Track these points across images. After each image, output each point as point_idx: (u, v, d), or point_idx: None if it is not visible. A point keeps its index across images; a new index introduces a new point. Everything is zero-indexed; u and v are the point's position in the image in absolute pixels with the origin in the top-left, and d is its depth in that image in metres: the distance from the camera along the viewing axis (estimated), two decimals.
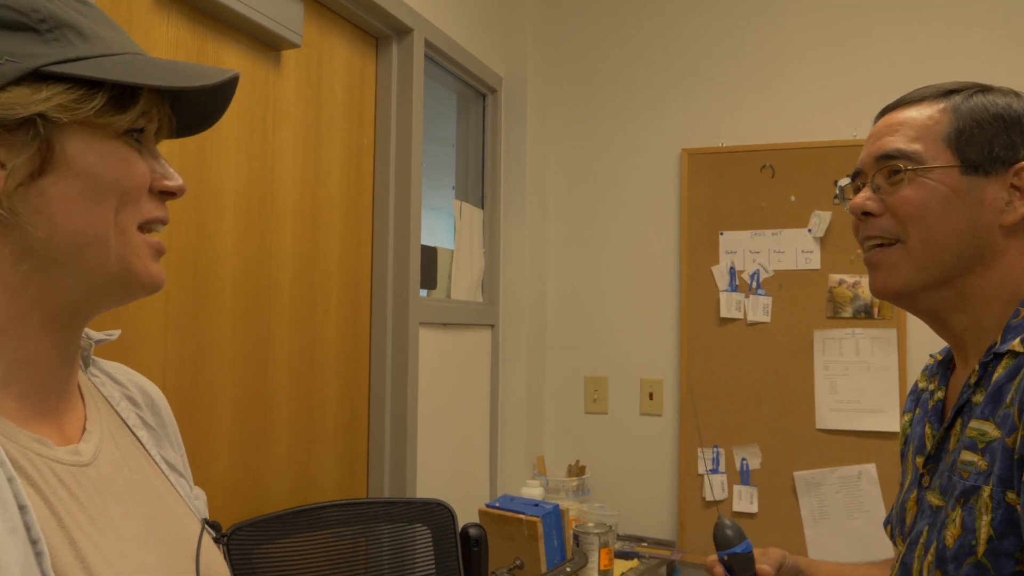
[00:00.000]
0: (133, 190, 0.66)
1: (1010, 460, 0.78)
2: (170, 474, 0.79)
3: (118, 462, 0.72)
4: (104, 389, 0.79)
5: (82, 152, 0.63)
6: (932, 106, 0.92)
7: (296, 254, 1.90)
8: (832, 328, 2.58)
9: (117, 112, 0.64)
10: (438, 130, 2.66)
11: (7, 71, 0.60)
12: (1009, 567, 0.78)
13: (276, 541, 1.65)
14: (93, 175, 0.63)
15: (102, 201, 0.64)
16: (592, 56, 2.94)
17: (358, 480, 2.11)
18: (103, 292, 0.67)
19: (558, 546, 2.20)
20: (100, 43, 0.65)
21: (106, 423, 0.74)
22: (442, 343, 2.40)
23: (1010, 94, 0.91)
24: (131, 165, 0.66)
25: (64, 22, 0.63)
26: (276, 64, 1.84)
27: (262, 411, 1.79)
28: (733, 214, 2.70)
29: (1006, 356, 0.85)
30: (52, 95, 0.61)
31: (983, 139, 0.88)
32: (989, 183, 0.88)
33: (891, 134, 0.92)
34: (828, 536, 2.54)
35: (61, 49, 0.62)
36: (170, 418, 0.86)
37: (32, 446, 0.63)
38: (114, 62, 0.64)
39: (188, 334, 1.60)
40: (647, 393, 2.81)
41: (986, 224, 0.88)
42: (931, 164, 0.88)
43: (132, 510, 0.69)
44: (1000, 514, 0.78)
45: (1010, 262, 0.88)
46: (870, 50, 2.61)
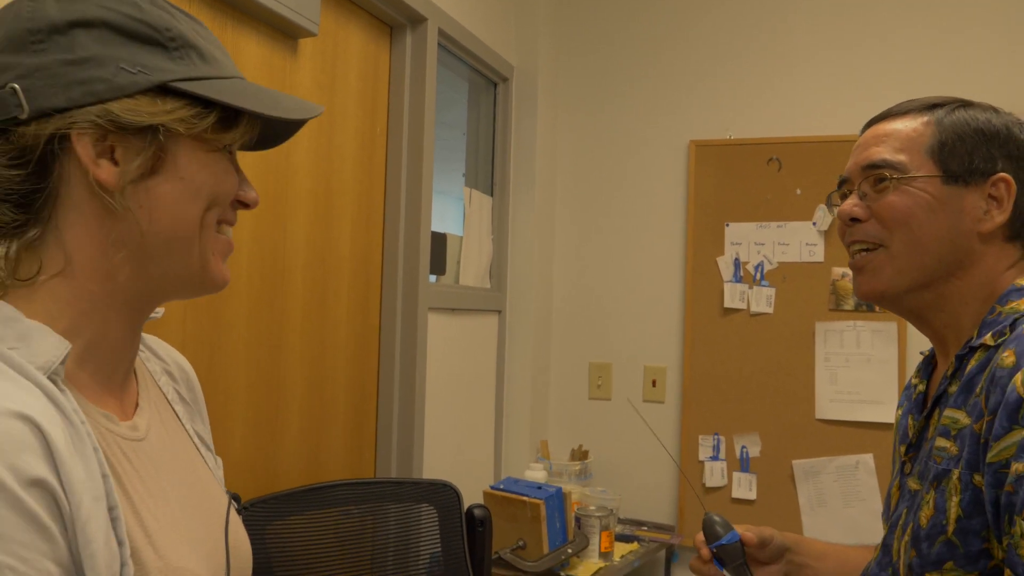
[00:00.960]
0: (223, 196, 0.73)
1: (977, 445, 0.83)
2: (201, 447, 0.85)
3: (163, 437, 0.77)
4: (149, 364, 0.84)
5: (189, 161, 0.70)
6: (917, 119, 0.97)
7: (309, 240, 1.94)
8: (834, 320, 2.62)
9: (224, 131, 0.71)
10: (449, 116, 2.69)
11: (139, 81, 0.66)
12: (976, 544, 0.83)
13: (287, 518, 1.70)
14: (195, 181, 0.70)
15: (196, 203, 0.70)
16: (603, 48, 2.96)
17: (366, 460, 2.16)
18: (183, 285, 0.73)
19: (560, 528, 2.26)
20: (216, 66, 0.72)
21: (153, 399, 0.80)
22: (450, 328, 2.44)
23: (989, 110, 0.96)
24: (227, 176, 0.73)
25: (190, 42, 0.70)
26: (293, 52, 1.87)
27: (275, 393, 1.84)
28: (739, 206, 2.74)
29: (979, 349, 0.90)
30: (174, 109, 0.67)
31: (964, 151, 0.93)
32: (968, 193, 0.93)
33: (877, 144, 0.97)
34: (825, 524, 2.59)
35: (185, 67, 0.69)
36: (200, 393, 0.92)
37: (102, 422, 0.69)
38: (225, 85, 0.71)
39: (205, 317, 1.64)
40: (650, 380, 2.85)
41: (965, 231, 0.93)
42: (915, 173, 0.94)
43: (177, 482, 0.75)
44: (968, 495, 0.84)
45: (986, 266, 0.94)
46: (877, 47, 2.62)
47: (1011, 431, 0.79)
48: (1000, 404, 0.80)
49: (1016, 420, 0.79)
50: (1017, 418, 0.78)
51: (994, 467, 0.80)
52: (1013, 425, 0.79)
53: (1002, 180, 0.92)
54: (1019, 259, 0.95)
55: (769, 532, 1.13)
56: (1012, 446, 0.79)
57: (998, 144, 0.94)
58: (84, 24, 0.66)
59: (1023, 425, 0.78)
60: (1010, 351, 0.83)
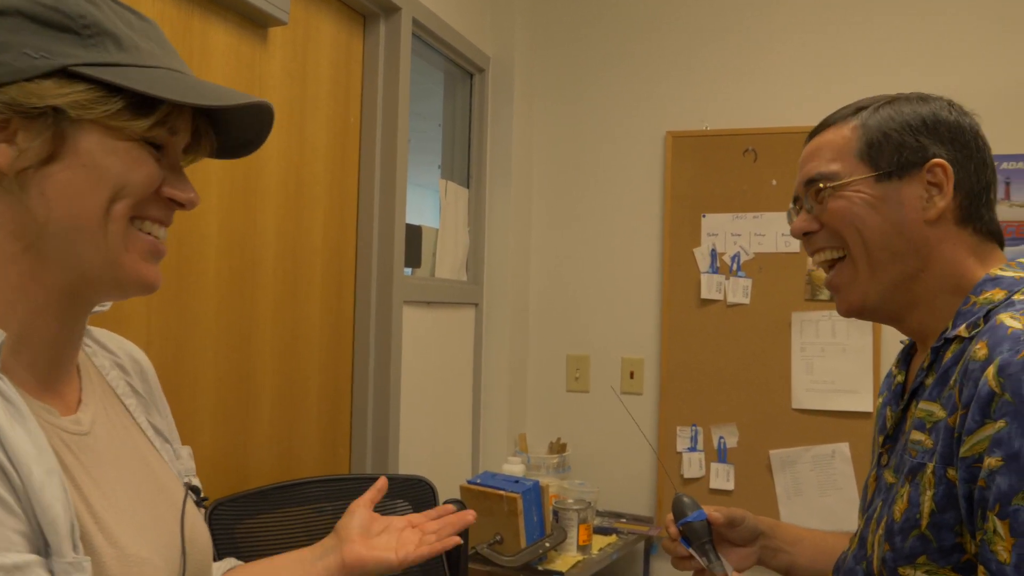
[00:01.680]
0: (134, 186, 0.70)
1: (951, 438, 0.83)
2: (156, 440, 0.84)
3: (110, 431, 0.76)
4: (96, 359, 0.83)
5: (92, 148, 0.68)
6: (845, 126, 0.99)
7: (280, 232, 1.91)
8: (809, 310, 2.62)
9: (133, 117, 0.69)
10: (424, 108, 2.66)
11: (39, 65, 0.66)
12: (949, 539, 0.83)
13: (257, 516, 1.67)
14: (99, 167, 0.68)
15: (99, 190, 0.68)
16: (579, 38, 2.94)
17: (340, 456, 2.14)
18: (95, 282, 0.71)
19: (538, 522, 2.25)
20: (136, 54, 0.70)
21: (98, 394, 0.79)
22: (426, 321, 2.42)
23: (915, 100, 0.98)
24: (140, 165, 0.70)
25: (105, 30, 0.69)
26: (263, 41, 1.84)
27: (245, 387, 1.81)
28: (715, 197, 2.73)
29: (954, 341, 0.90)
30: (72, 92, 0.66)
31: (891, 148, 0.95)
32: (905, 185, 0.94)
33: (813, 159, 1.00)
34: (802, 512, 2.60)
35: (95, 54, 0.68)
36: (156, 384, 0.90)
37: (43, 415, 0.68)
38: (141, 73, 0.69)
39: (172, 311, 1.61)
40: (628, 372, 2.85)
41: (912, 222, 0.94)
42: (847, 179, 0.96)
43: (125, 476, 0.74)
44: (941, 489, 0.83)
45: (945, 253, 0.94)
46: (852, 38, 2.63)
47: (983, 425, 0.78)
48: (973, 398, 0.80)
49: (988, 414, 0.78)
50: (989, 412, 0.78)
51: (967, 461, 0.80)
52: (985, 419, 0.78)
53: (937, 165, 0.93)
54: (978, 244, 0.95)
55: (740, 513, 1.14)
56: (984, 440, 0.78)
57: (926, 132, 0.95)
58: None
59: (995, 419, 0.77)
60: (982, 343, 0.82)
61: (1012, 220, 2.43)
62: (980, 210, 0.96)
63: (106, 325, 1.45)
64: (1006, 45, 2.48)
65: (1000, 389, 0.77)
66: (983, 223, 0.96)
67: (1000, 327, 0.82)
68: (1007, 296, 0.88)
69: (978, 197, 0.95)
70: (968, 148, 0.96)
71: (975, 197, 0.95)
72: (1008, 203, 2.44)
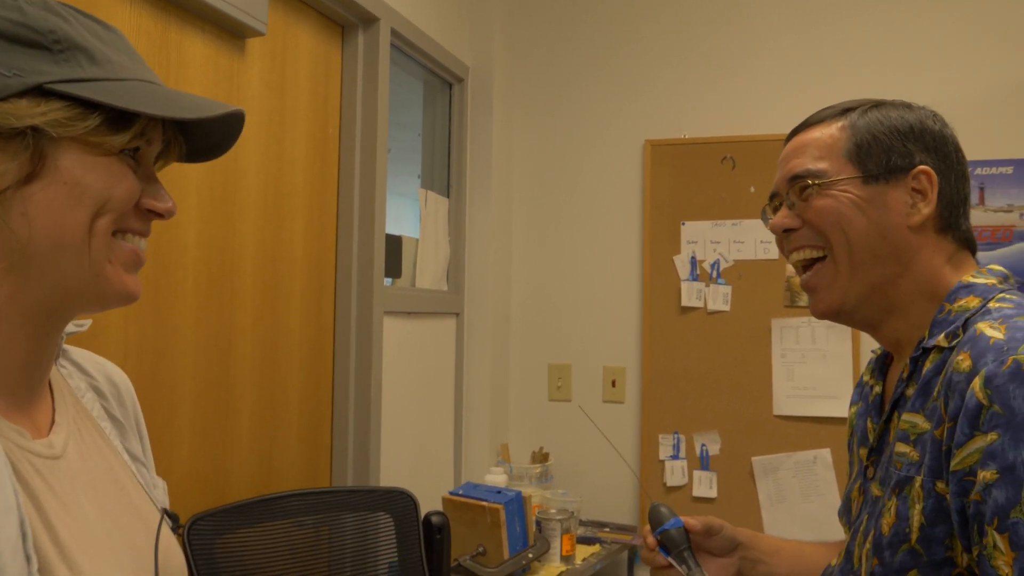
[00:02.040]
0: (116, 201, 0.69)
1: (939, 451, 0.82)
2: (132, 464, 0.82)
3: (84, 454, 0.75)
4: (72, 381, 0.81)
5: (72, 165, 0.67)
6: (832, 125, 0.98)
7: (259, 242, 1.89)
8: (789, 316, 2.64)
9: (111, 133, 0.68)
10: (404, 118, 2.66)
11: (12, 84, 0.64)
12: (940, 552, 0.82)
13: (237, 531, 1.65)
14: (80, 184, 0.67)
15: (81, 207, 0.67)
16: (558, 47, 2.95)
17: (321, 469, 2.12)
18: (77, 297, 0.70)
19: (520, 532, 2.24)
20: (109, 67, 0.69)
21: (72, 416, 0.77)
22: (407, 332, 2.41)
23: (901, 106, 0.98)
24: (120, 180, 0.69)
25: (76, 44, 0.68)
26: (240, 52, 1.83)
27: (225, 400, 1.79)
28: (694, 204, 2.74)
29: (933, 351, 0.90)
30: (49, 111, 0.65)
31: (880, 150, 0.95)
32: (891, 189, 0.94)
33: (798, 156, 0.99)
34: (785, 519, 2.61)
35: (68, 69, 0.67)
36: (134, 407, 0.88)
37: (13, 437, 0.67)
38: (117, 87, 0.68)
39: (149, 322, 1.59)
40: (610, 380, 2.85)
41: (895, 226, 0.94)
42: (836, 177, 0.95)
43: (97, 501, 0.72)
44: (931, 503, 0.82)
45: (924, 261, 0.94)
46: (828, 44, 2.65)
47: (973, 438, 0.78)
48: (960, 410, 0.79)
49: (977, 426, 0.77)
50: (978, 424, 0.77)
51: (958, 475, 0.79)
52: (974, 431, 0.78)
53: (923, 173, 0.94)
54: (955, 252, 0.96)
55: (718, 522, 1.13)
56: (975, 453, 0.77)
57: (913, 139, 0.95)
58: None
59: (984, 431, 0.77)
60: (965, 354, 0.82)
61: (987, 225, 2.46)
62: (959, 220, 0.96)
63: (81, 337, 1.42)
64: (980, 51, 2.51)
65: (988, 401, 0.77)
66: (960, 232, 0.96)
67: (981, 337, 0.82)
68: (982, 304, 0.89)
69: (957, 208, 0.96)
70: (950, 159, 0.96)
71: (954, 207, 0.96)
72: (983, 208, 2.47)
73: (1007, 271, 0.95)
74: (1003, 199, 2.46)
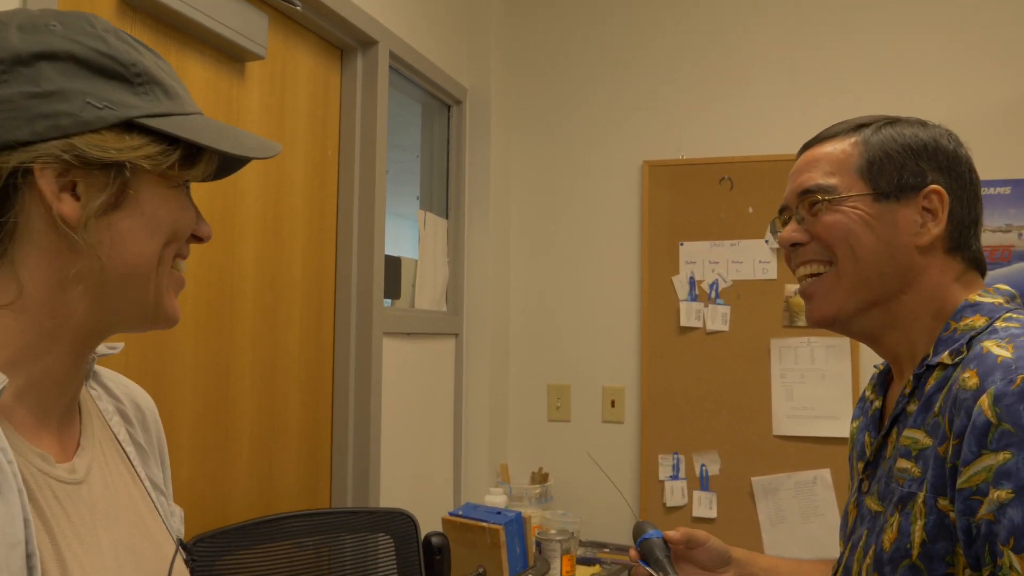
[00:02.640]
0: (181, 232, 0.73)
1: (942, 468, 0.82)
2: (152, 492, 0.81)
3: (107, 478, 0.74)
4: (100, 403, 0.81)
5: (151, 196, 0.70)
6: (845, 140, 0.98)
7: (259, 264, 1.90)
8: (788, 337, 2.64)
9: (186, 168, 0.71)
10: (403, 139, 2.68)
11: (106, 116, 0.66)
12: (941, 569, 0.82)
13: (237, 552, 1.65)
14: (156, 216, 0.70)
15: (155, 238, 0.70)
16: (556, 69, 2.98)
17: (321, 490, 2.11)
18: (133, 320, 0.72)
19: (520, 553, 2.23)
20: (179, 102, 0.72)
21: (98, 439, 0.77)
22: (406, 353, 2.41)
23: (916, 124, 0.98)
24: (185, 212, 0.73)
25: (154, 78, 0.70)
26: (240, 75, 1.84)
27: (224, 421, 1.79)
28: (693, 225, 2.76)
29: (937, 368, 0.90)
30: (140, 145, 0.67)
31: (892, 168, 0.95)
32: (901, 208, 0.94)
33: (809, 170, 0.99)
34: (784, 540, 2.60)
35: (149, 103, 0.69)
36: (159, 433, 0.88)
37: (36, 462, 0.66)
38: (188, 121, 0.71)
39: (149, 344, 1.59)
40: (609, 401, 2.85)
41: (903, 245, 0.94)
42: (846, 193, 0.95)
43: (115, 528, 0.72)
44: (932, 519, 0.82)
45: (931, 279, 0.94)
46: (826, 65, 2.68)
47: (981, 456, 0.77)
48: (967, 428, 0.79)
49: (985, 444, 0.77)
50: (986, 442, 0.77)
51: (964, 493, 0.79)
52: (983, 450, 0.77)
53: (934, 192, 0.93)
54: (963, 272, 0.95)
55: (701, 534, 1.14)
56: (983, 471, 0.77)
57: (926, 157, 0.95)
58: (50, 56, 0.65)
59: (994, 450, 0.76)
60: (971, 372, 0.82)
61: (985, 245, 2.45)
62: (969, 240, 0.96)
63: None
64: (977, 71, 2.54)
65: (997, 419, 0.77)
66: (970, 252, 0.96)
67: (988, 356, 0.82)
68: (988, 323, 0.88)
69: (968, 229, 0.96)
70: (963, 179, 0.96)
71: (965, 228, 0.95)
72: None
73: (1014, 291, 0.95)
74: (1001, 219, 2.47)
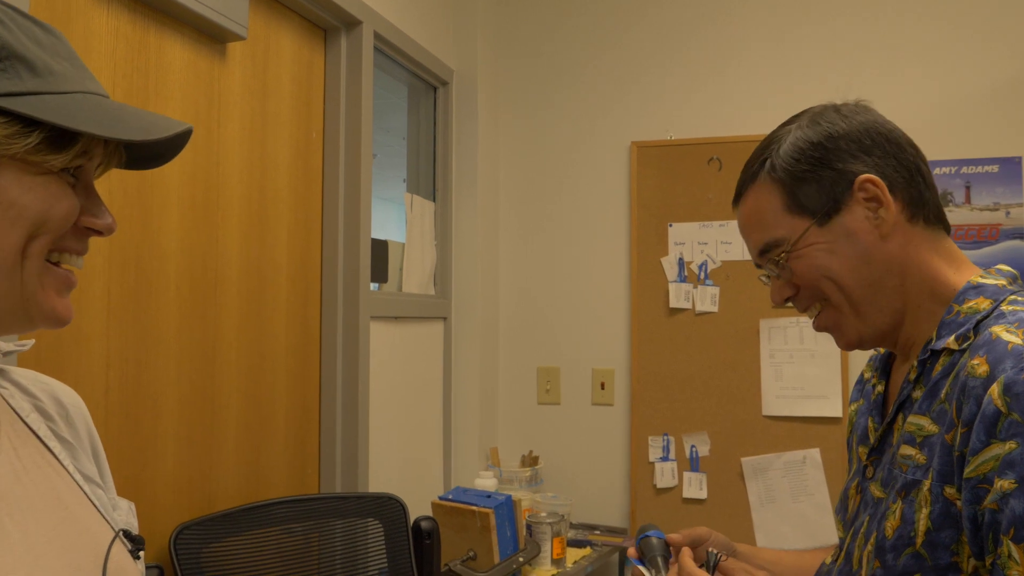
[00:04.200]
0: (53, 223, 0.65)
1: (949, 456, 0.81)
2: (85, 485, 0.77)
3: (19, 472, 0.70)
4: (13, 401, 0.77)
5: (7, 185, 0.63)
6: (759, 186, 0.96)
7: (243, 248, 1.88)
8: (777, 317, 2.64)
9: (52, 152, 0.64)
10: (389, 122, 2.65)
11: None
12: (945, 558, 0.81)
13: (225, 539, 1.64)
14: (16, 206, 0.63)
15: (15, 228, 0.63)
16: (543, 50, 2.95)
17: (310, 476, 2.10)
18: (5, 317, 0.66)
19: (511, 536, 2.22)
20: (51, 80, 0.65)
21: (7, 434, 0.73)
22: (394, 337, 2.40)
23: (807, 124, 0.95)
24: (59, 201, 0.65)
25: (16, 53, 0.63)
26: (221, 56, 1.81)
27: (210, 408, 1.77)
28: (681, 206, 2.74)
29: (943, 353, 0.88)
30: None
31: (812, 188, 0.92)
32: (846, 214, 0.92)
33: (751, 231, 0.99)
34: (774, 519, 2.61)
35: (7, 82, 0.62)
36: (87, 426, 0.84)
37: None
38: (59, 101, 0.64)
39: (131, 331, 1.57)
40: (599, 383, 2.84)
41: (871, 245, 0.92)
42: (795, 238, 0.93)
43: (31, 521, 0.68)
44: (938, 507, 0.81)
45: (911, 259, 0.92)
46: (813, 43, 2.66)
47: (989, 445, 0.76)
48: (976, 416, 0.78)
49: (994, 434, 0.76)
50: (995, 431, 0.76)
51: (972, 482, 0.78)
52: (991, 439, 0.76)
53: (866, 181, 0.91)
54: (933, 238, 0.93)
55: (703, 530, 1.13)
56: (991, 460, 0.76)
57: (833, 155, 0.92)
58: None
59: (1002, 439, 0.75)
60: (981, 359, 0.80)
61: (972, 223, 2.47)
62: (923, 195, 0.93)
63: (62, 347, 1.41)
64: (965, 50, 2.52)
65: (1007, 409, 0.75)
66: (929, 208, 0.93)
67: (998, 342, 0.80)
68: (993, 306, 0.87)
69: (915, 184, 0.92)
70: (879, 146, 0.92)
71: (912, 186, 0.92)
72: (968, 207, 2.48)
73: (1016, 272, 0.92)
74: (989, 197, 2.47)
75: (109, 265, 1.53)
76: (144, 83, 1.61)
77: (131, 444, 1.56)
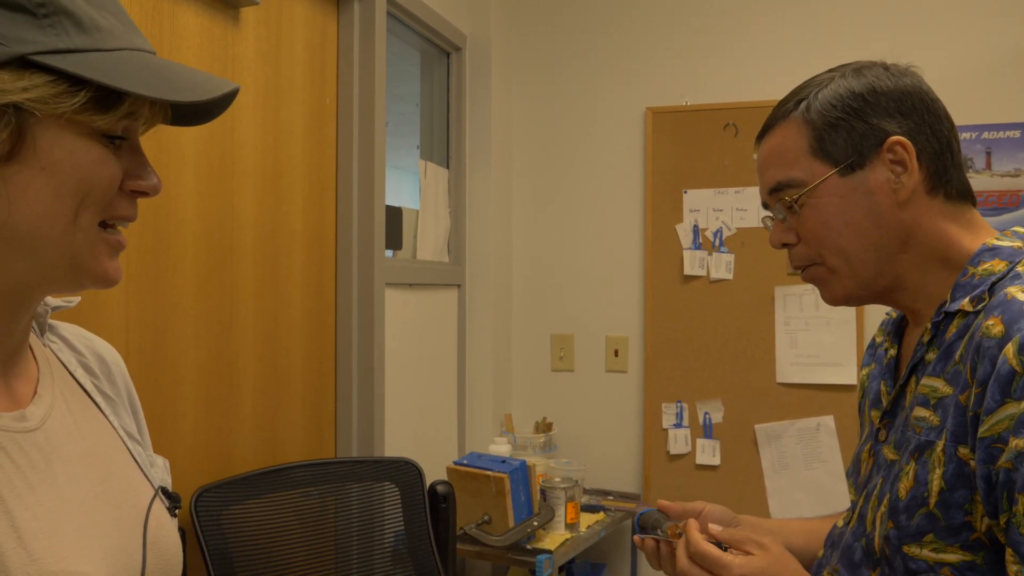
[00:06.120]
0: (98, 191, 0.64)
1: (963, 416, 0.81)
2: (128, 442, 0.79)
3: (70, 427, 0.71)
4: (62, 355, 0.78)
5: (51, 146, 0.61)
6: (790, 123, 0.95)
7: (258, 215, 1.88)
8: (792, 284, 2.63)
9: (99, 112, 0.62)
10: (402, 89, 2.63)
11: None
12: (959, 517, 0.81)
13: (244, 502, 1.66)
14: (59, 172, 0.62)
15: (64, 199, 0.63)
16: (557, 15, 2.91)
17: (326, 440, 2.12)
18: (54, 279, 0.66)
19: (525, 501, 2.25)
20: (98, 36, 0.63)
21: (59, 387, 0.74)
22: (408, 303, 2.40)
23: (851, 75, 0.93)
24: (101, 167, 0.64)
25: (63, 8, 0.61)
26: (235, 22, 1.80)
27: (227, 373, 1.79)
28: (696, 172, 2.72)
29: (957, 315, 0.87)
30: (33, 86, 0.59)
31: (842, 137, 0.91)
32: (868, 171, 0.91)
33: (768, 167, 0.97)
34: (787, 486, 2.62)
35: (55, 38, 0.60)
36: (126, 384, 0.85)
37: None
38: (106, 59, 0.62)
39: (150, 297, 1.59)
40: (612, 350, 2.85)
41: (886, 209, 0.90)
42: (813, 183, 0.92)
43: (82, 475, 0.69)
44: (952, 468, 0.81)
45: (926, 228, 0.91)
46: (832, 8, 2.61)
47: (1004, 404, 0.76)
48: (991, 376, 0.77)
49: (1009, 393, 0.76)
50: (1010, 391, 0.76)
51: (986, 442, 0.78)
52: (1006, 399, 0.76)
53: (896, 143, 0.89)
54: (954, 209, 0.92)
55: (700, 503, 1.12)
56: (1006, 419, 0.76)
57: (871, 109, 0.90)
58: None
59: (1016, 398, 0.75)
60: (996, 319, 0.80)
61: (993, 190, 2.44)
62: (948, 172, 0.91)
63: (82, 313, 1.43)
64: (986, 15, 2.47)
65: (1022, 368, 0.75)
66: (952, 185, 0.92)
67: (1014, 302, 0.79)
68: (1008, 267, 0.86)
69: (943, 159, 0.91)
70: (918, 111, 0.91)
71: (940, 160, 0.91)
72: (989, 173, 2.45)
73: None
74: (1010, 163, 2.44)
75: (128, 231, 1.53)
76: (158, 49, 1.61)
77: (151, 409, 1.58)
